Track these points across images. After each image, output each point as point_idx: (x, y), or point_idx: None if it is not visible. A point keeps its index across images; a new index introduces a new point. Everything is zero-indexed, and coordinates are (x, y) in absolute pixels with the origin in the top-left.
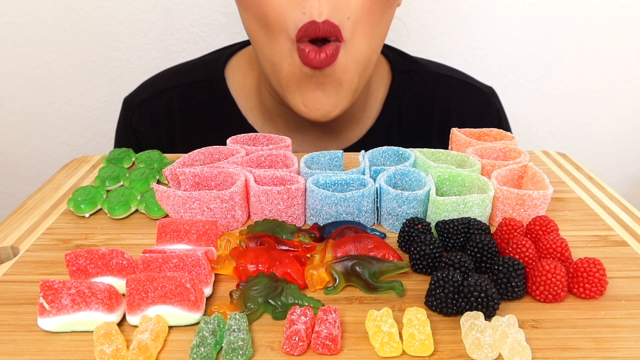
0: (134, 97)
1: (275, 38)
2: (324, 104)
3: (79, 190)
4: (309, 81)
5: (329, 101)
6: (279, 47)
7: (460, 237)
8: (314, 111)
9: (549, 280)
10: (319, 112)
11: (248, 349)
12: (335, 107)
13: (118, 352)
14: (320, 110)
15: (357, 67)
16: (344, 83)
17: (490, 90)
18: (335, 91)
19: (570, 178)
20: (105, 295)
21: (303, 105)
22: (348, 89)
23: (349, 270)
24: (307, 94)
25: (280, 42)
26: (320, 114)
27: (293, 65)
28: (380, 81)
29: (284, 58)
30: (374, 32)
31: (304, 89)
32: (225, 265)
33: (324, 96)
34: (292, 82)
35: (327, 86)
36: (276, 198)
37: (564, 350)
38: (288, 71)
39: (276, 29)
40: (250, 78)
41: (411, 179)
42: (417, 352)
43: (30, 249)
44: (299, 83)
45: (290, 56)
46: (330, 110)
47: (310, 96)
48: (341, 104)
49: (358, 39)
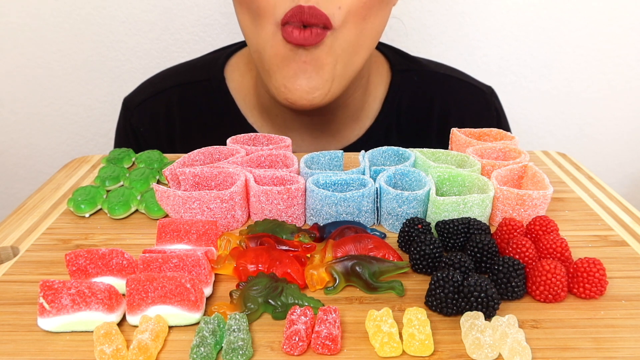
0: (134, 97)
1: (262, 25)
2: (303, 84)
3: (79, 190)
4: (291, 60)
5: (309, 83)
6: (264, 32)
7: (460, 237)
8: (294, 92)
9: (549, 280)
10: (298, 93)
11: (248, 349)
12: (316, 89)
13: (118, 352)
14: (299, 90)
15: (343, 55)
16: (326, 66)
17: (490, 89)
18: (316, 73)
19: (570, 178)
20: (105, 295)
21: (283, 86)
22: (329, 73)
23: (349, 270)
24: (289, 73)
25: (265, 28)
26: (298, 95)
27: (276, 46)
28: (380, 80)
29: (267, 42)
30: (366, 25)
31: (285, 69)
32: (225, 265)
33: (304, 76)
34: (274, 63)
35: (308, 66)
36: (276, 198)
37: (564, 350)
38: (271, 53)
39: (264, 15)
40: (249, 78)
41: (411, 179)
42: (417, 352)
43: (30, 249)
44: (281, 64)
45: (273, 38)
46: (310, 92)
47: (290, 75)
48: (321, 88)
49: (348, 28)
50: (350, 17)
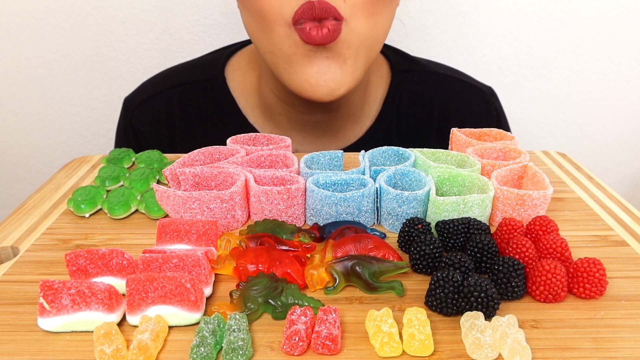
0: (134, 97)
1: (272, 28)
2: (328, 80)
3: (79, 190)
4: (313, 57)
5: (334, 77)
6: (276, 35)
7: (460, 237)
8: (319, 88)
9: (549, 280)
10: (324, 89)
11: (248, 349)
12: (341, 84)
13: (118, 352)
14: (324, 87)
15: (361, 47)
16: (348, 59)
17: (490, 90)
18: (339, 67)
19: (570, 178)
20: (105, 295)
21: (307, 83)
22: (352, 66)
23: (349, 270)
24: (312, 70)
25: (276, 30)
26: (325, 91)
27: (294, 46)
28: (380, 80)
29: (283, 43)
30: (376, 15)
31: (307, 67)
32: (225, 265)
33: (329, 72)
34: (295, 61)
35: (331, 61)
36: (276, 198)
37: (564, 350)
38: (289, 53)
39: (271, 19)
40: (251, 77)
41: (411, 179)
42: (417, 352)
43: (30, 249)
44: (301, 62)
45: (289, 39)
46: (335, 88)
47: (314, 72)
48: (346, 82)
49: (359, 18)
50: (357, 9)
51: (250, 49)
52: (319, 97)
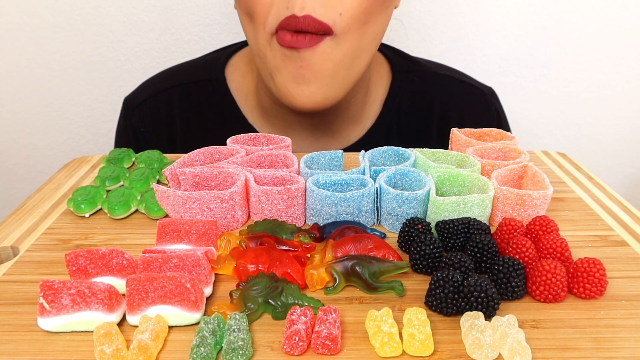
0: (134, 97)
1: (259, 32)
2: (304, 90)
3: (79, 190)
4: (289, 64)
5: (308, 88)
6: (261, 38)
7: (460, 237)
8: (296, 96)
9: (549, 280)
10: (300, 98)
11: (248, 349)
12: (315, 94)
13: (118, 352)
14: (300, 95)
15: (345, 60)
16: (324, 72)
17: (490, 90)
18: (314, 78)
19: (570, 178)
20: (105, 295)
21: (285, 89)
22: (329, 78)
23: (349, 270)
24: (288, 77)
25: (262, 35)
26: (300, 100)
27: (274, 52)
28: (380, 81)
29: (265, 49)
30: (367, 29)
31: (285, 72)
32: (225, 265)
33: (304, 82)
34: (274, 67)
35: (305, 71)
36: (276, 198)
37: (564, 350)
38: (270, 56)
39: (259, 21)
40: (250, 78)
41: (411, 179)
42: (417, 352)
43: (30, 249)
44: (280, 67)
45: (270, 43)
46: (310, 97)
47: (290, 79)
48: (323, 92)
49: (350, 33)
50: (352, 23)
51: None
52: (298, 105)
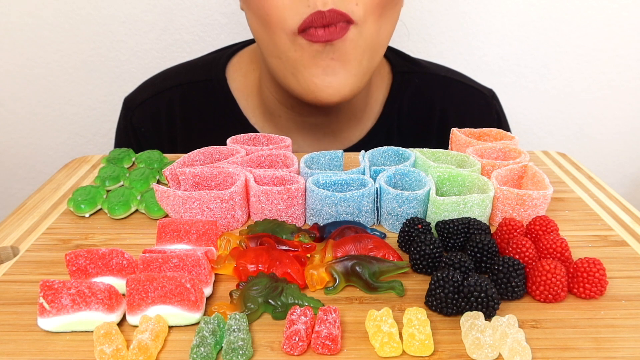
0: (135, 97)
1: (277, 34)
2: (333, 82)
3: (79, 190)
4: (319, 58)
5: (337, 79)
6: (281, 41)
7: (460, 237)
8: (324, 89)
9: (549, 280)
10: (329, 90)
11: (248, 349)
12: (345, 84)
13: (118, 352)
14: (329, 87)
15: (367, 50)
16: (353, 61)
17: (491, 92)
18: (343, 69)
19: (570, 178)
20: (105, 295)
21: (313, 84)
22: (356, 68)
23: (349, 270)
24: (317, 71)
25: (282, 37)
26: (330, 92)
27: (300, 50)
28: (381, 82)
29: (287, 49)
30: (383, 19)
31: (313, 68)
32: (225, 265)
33: (333, 74)
34: (300, 64)
35: (336, 62)
36: (276, 198)
37: (564, 350)
38: (295, 57)
39: (277, 25)
40: (252, 78)
41: (411, 179)
42: (417, 352)
43: (30, 249)
44: (307, 64)
45: (294, 44)
46: (340, 88)
47: (319, 73)
48: (350, 82)
49: (369, 23)
50: (368, 13)
51: (251, 49)
52: (324, 99)
